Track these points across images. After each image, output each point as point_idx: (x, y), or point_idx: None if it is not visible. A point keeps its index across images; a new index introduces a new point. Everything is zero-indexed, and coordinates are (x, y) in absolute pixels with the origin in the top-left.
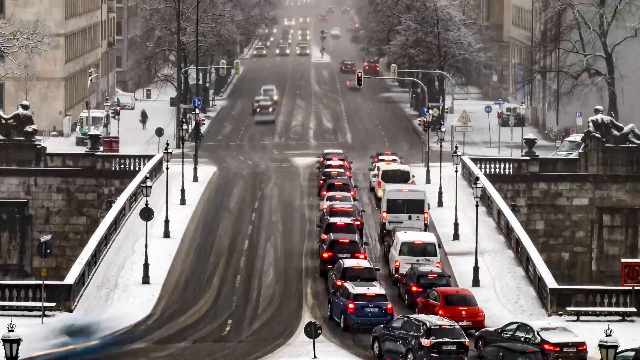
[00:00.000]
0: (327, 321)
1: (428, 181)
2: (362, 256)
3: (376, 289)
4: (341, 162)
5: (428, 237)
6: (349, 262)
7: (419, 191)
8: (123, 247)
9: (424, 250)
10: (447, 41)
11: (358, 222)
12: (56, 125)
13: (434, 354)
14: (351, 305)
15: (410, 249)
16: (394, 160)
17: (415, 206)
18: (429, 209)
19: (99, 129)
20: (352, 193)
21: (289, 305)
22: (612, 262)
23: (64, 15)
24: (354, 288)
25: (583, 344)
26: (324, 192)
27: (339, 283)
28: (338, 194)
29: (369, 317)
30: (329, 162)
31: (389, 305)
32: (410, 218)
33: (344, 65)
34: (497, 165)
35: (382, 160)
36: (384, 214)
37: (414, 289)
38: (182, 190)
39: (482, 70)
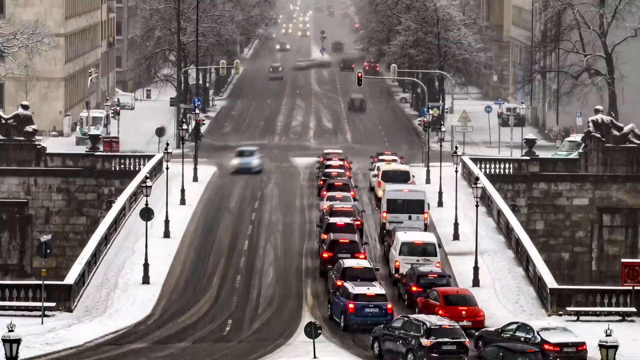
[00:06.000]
0: (327, 321)
1: (428, 181)
2: (362, 256)
3: (376, 289)
4: (341, 162)
5: (428, 237)
6: (349, 262)
7: (419, 191)
8: (123, 247)
9: (424, 251)
10: (447, 41)
11: (358, 222)
12: (56, 125)
13: (433, 354)
14: (351, 305)
15: (411, 249)
16: (394, 160)
17: (416, 206)
18: (429, 209)
19: (98, 129)
20: (352, 193)
21: (289, 305)
22: (612, 262)
23: (64, 15)
24: (354, 288)
25: (583, 344)
26: (324, 192)
27: (339, 283)
28: (338, 194)
29: (369, 317)
30: (329, 162)
31: (389, 305)
32: (410, 218)
33: (343, 63)
34: (497, 165)
35: (383, 160)
36: (384, 214)
37: (414, 289)
38: (182, 190)
39: (482, 70)
